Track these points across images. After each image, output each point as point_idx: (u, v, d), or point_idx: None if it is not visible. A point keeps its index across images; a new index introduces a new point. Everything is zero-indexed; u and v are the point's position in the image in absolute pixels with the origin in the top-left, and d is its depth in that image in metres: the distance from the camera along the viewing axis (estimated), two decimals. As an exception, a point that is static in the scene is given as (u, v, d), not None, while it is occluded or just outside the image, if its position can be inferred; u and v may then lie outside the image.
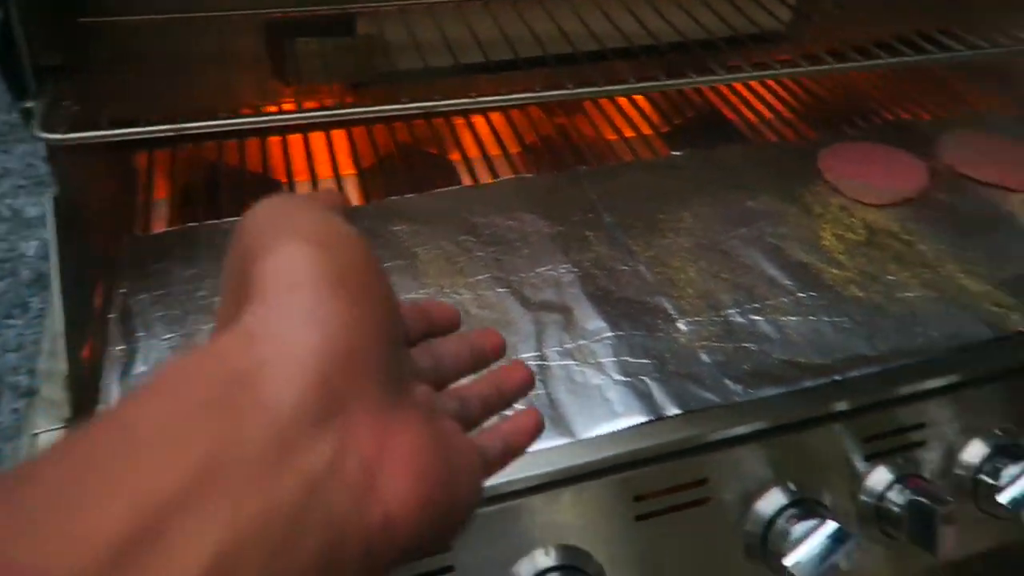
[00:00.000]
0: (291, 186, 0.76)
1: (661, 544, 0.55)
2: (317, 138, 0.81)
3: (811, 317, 0.61)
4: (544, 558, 0.52)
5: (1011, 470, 0.59)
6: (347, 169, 0.79)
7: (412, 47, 0.71)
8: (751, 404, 0.54)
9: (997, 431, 0.61)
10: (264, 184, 0.76)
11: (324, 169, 0.78)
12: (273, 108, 0.78)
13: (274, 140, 0.81)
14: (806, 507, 0.56)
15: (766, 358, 0.57)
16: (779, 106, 0.94)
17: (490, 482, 0.49)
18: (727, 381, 0.55)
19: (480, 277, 0.64)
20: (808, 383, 0.56)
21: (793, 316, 0.61)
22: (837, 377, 0.56)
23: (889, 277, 0.64)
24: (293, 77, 0.71)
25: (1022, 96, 0.88)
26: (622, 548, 0.54)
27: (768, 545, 0.56)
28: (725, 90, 0.95)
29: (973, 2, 0.86)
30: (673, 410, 0.53)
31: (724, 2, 0.82)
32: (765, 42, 0.88)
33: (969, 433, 0.61)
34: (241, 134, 0.79)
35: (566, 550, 0.53)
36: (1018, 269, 0.66)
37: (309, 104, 0.79)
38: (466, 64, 0.73)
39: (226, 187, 0.76)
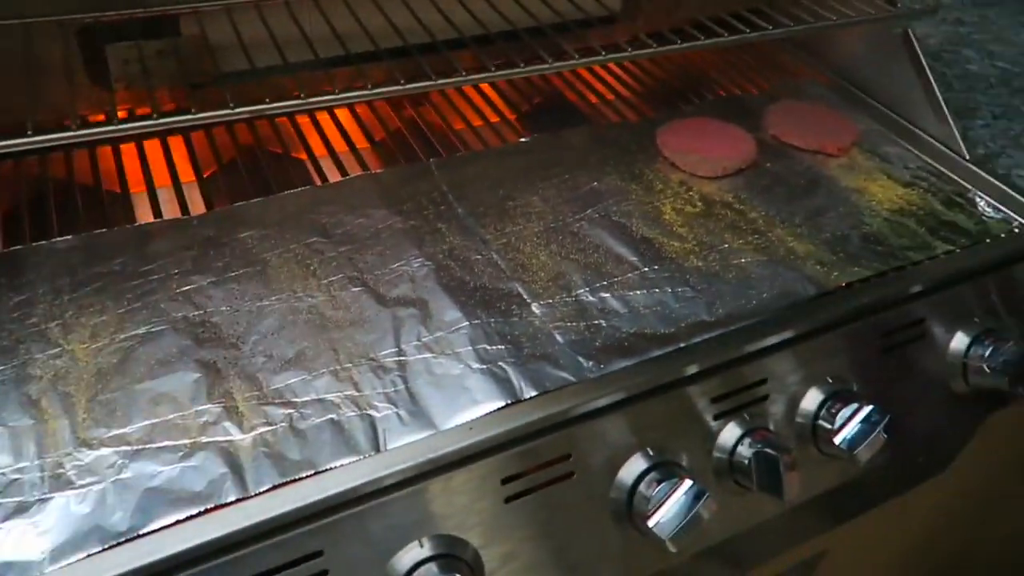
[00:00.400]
0: (126, 198, 0.72)
1: (533, 521, 0.57)
2: (153, 146, 0.78)
3: (655, 290, 0.64)
4: (419, 550, 0.53)
5: (844, 413, 0.65)
6: (188, 176, 0.76)
7: (241, 47, 0.69)
8: (603, 378, 0.57)
9: (829, 379, 0.66)
10: (96, 198, 0.72)
11: (162, 178, 0.75)
12: (101, 116, 0.73)
13: (105, 150, 0.77)
14: (664, 469, 0.59)
15: (616, 332, 0.60)
16: (620, 88, 0.97)
17: (357, 482, 0.50)
18: (580, 359, 0.58)
19: (334, 278, 0.63)
20: (656, 352, 0.59)
21: (639, 290, 0.64)
22: (682, 344, 0.60)
23: (724, 245, 0.69)
24: (118, 83, 0.67)
25: (835, 65, 0.95)
26: (495, 530, 0.56)
27: (633, 509, 0.59)
28: (569, 75, 0.97)
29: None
30: (530, 392, 0.55)
31: None
32: (601, 25, 0.91)
33: (806, 383, 0.66)
34: (66, 146, 0.74)
35: (440, 539, 0.54)
36: (836, 229, 0.71)
37: (143, 110, 0.75)
38: (305, 61, 0.71)
39: (55, 203, 0.71)
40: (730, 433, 0.63)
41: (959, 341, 0.72)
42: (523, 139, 0.81)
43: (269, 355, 0.57)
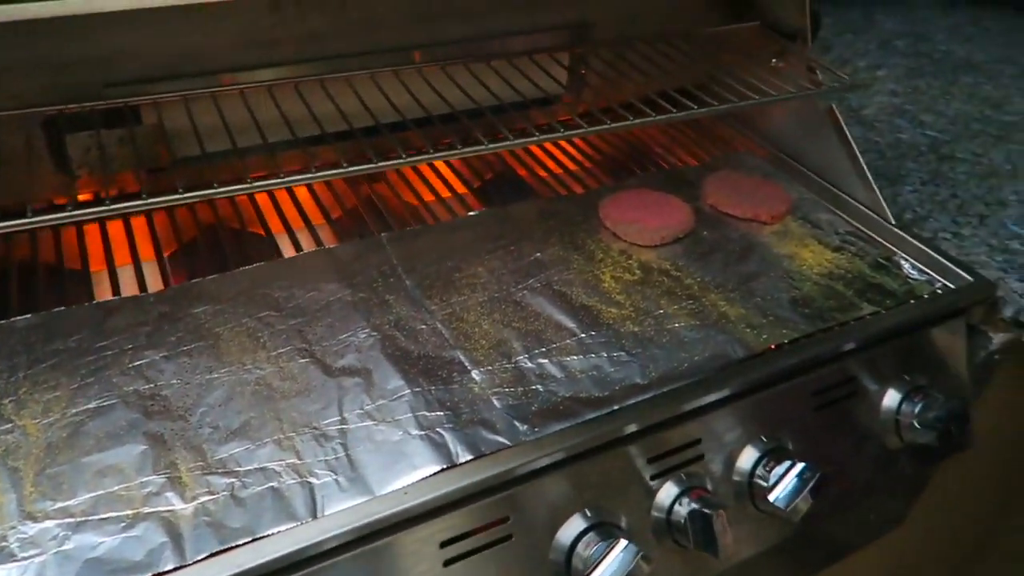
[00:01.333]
0: (87, 276, 0.75)
1: (472, 585, 0.59)
2: (116, 226, 0.81)
3: (591, 355, 0.67)
4: (357, 616, 0.54)
5: (778, 470, 0.67)
6: (149, 255, 0.79)
7: (195, 134, 0.73)
8: (538, 442, 0.59)
9: (764, 438, 0.69)
10: (58, 276, 0.75)
11: (124, 257, 0.78)
12: (64, 200, 0.77)
13: (69, 231, 0.80)
14: (602, 530, 0.61)
15: (552, 396, 0.63)
16: (568, 162, 1.02)
17: (292, 548, 0.51)
18: (516, 422, 0.60)
19: (282, 350, 0.65)
20: (590, 415, 0.61)
21: (576, 355, 0.67)
22: (616, 407, 0.62)
23: (660, 311, 0.72)
24: (80, 169, 0.71)
25: (771, 137, 1.01)
26: (435, 595, 0.57)
27: (571, 570, 0.60)
28: (520, 151, 1.02)
29: (720, 63, 0.99)
30: (466, 456, 0.57)
31: (511, 69, 0.89)
32: (548, 104, 0.96)
33: (741, 442, 0.68)
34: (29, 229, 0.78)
35: (380, 605, 0.55)
36: (767, 293, 0.75)
37: (108, 192, 0.79)
38: (256, 145, 0.76)
39: (17, 282, 0.74)
40: (667, 492, 0.65)
41: (891, 398, 0.76)
42: (472, 213, 0.85)
43: (216, 426, 0.59)
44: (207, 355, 0.65)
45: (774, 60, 0.95)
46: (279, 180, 0.66)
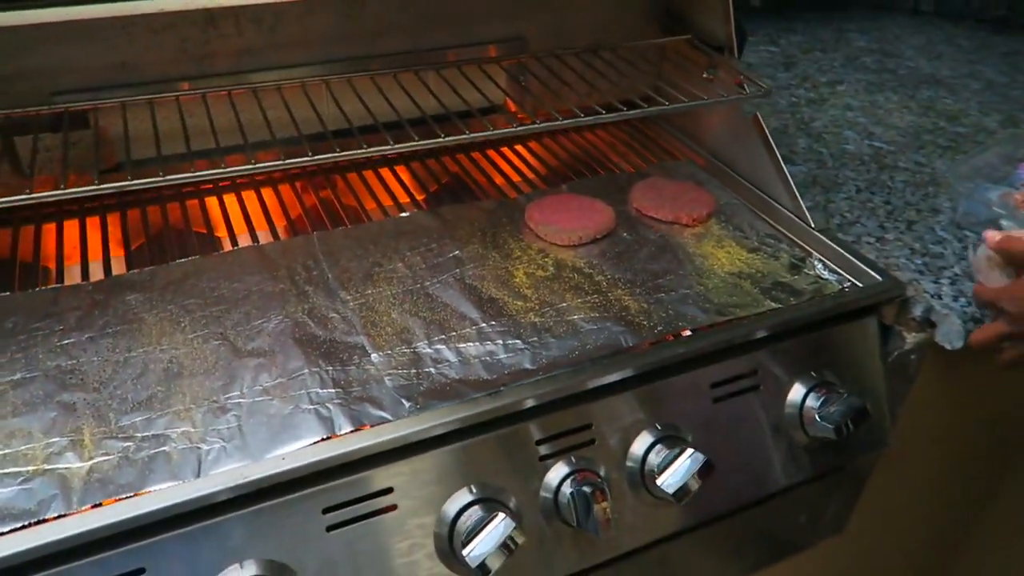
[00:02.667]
0: (35, 269, 0.82)
1: (356, 551, 0.62)
2: (72, 225, 0.88)
3: (488, 343, 0.70)
4: (239, 573, 0.58)
5: (668, 456, 0.70)
6: (96, 256, 0.85)
7: (151, 137, 0.79)
8: (418, 417, 0.63)
9: (658, 426, 0.72)
10: (9, 269, 0.81)
11: (74, 256, 0.84)
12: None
13: (27, 230, 0.86)
14: (485, 505, 0.64)
15: (442, 379, 0.66)
16: (523, 167, 1.07)
17: (170, 502, 0.56)
18: (403, 400, 0.64)
19: (198, 333, 0.71)
20: (473, 395, 0.65)
21: (473, 343, 0.70)
22: (502, 388, 0.66)
23: (563, 304, 0.75)
24: (32, 170, 0.77)
25: (707, 146, 1.04)
26: (318, 558, 0.61)
27: (453, 543, 0.64)
28: (478, 156, 1.07)
29: (659, 75, 1.03)
30: (346, 428, 0.61)
31: (461, 78, 0.94)
32: (493, 113, 1.01)
33: (635, 429, 0.71)
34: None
35: (265, 564, 0.59)
36: (671, 288, 0.78)
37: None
38: (208, 148, 0.81)
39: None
40: (556, 473, 0.68)
41: (796, 392, 0.78)
42: (404, 214, 0.89)
43: (124, 398, 0.64)
44: (129, 337, 0.70)
45: (706, 73, 0.99)
46: (222, 171, 0.71)
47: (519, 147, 1.11)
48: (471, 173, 1.07)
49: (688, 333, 0.73)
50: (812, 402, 0.77)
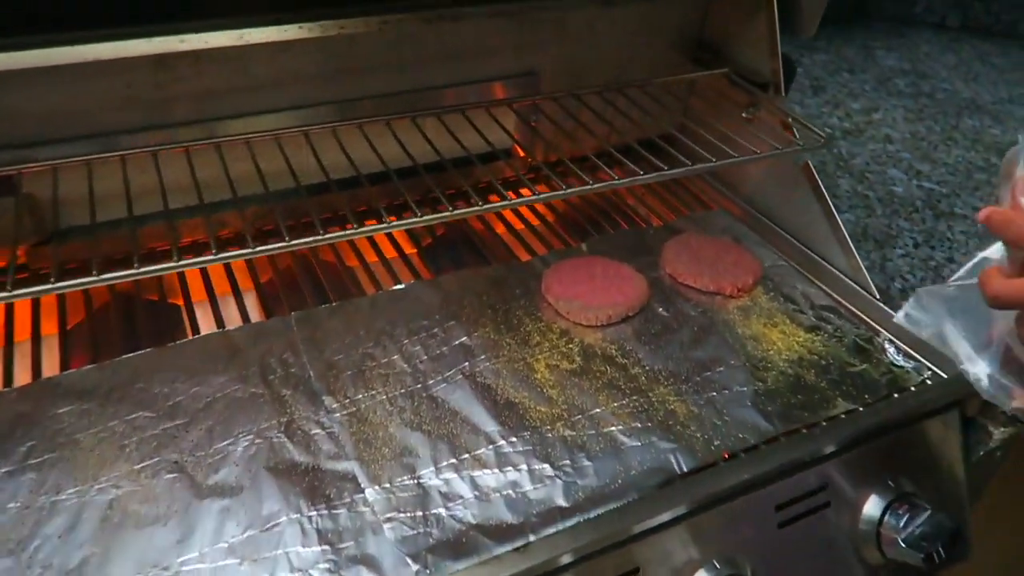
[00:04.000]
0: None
1: None
2: None
3: (509, 468, 0.57)
4: None
5: (730, 602, 0.57)
6: (51, 329, 0.71)
7: (83, 202, 0.65)
8: (426, 590, 0.49)
9: (716, 563, 0.59)
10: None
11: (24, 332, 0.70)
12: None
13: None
14: None
15: (456, 524, 0.53)
16: (529, 215, 0.93)
17: None
18: (408, 561, 0.50)
19: (149, 462, 0.56)
20: (497, 550, 0.52)
21: (491, 469, 0.57)
22: (530, 538, 0.53)
23: (597, 409, 0.62)
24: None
25: (744, 194, 0.91)
26: None
27: None
28: (477, 202, 0.93)
29: (688, 114, 0.89)
30: (336, 610, 0.48)
31: (455, 120, 0.81)
32: (496, 159, 0.88)
33: (689, 570, 0.58)
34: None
35: None
36: (724, 386, 0.65)
37: None
38: (155, 212, 0.68)
39: None
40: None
41: (871, 508, 0.65)
42: (398, 286, 0.75)
43: (48, 564, 0.50)
44: (59, 470, 0.56)
45: (745, 112, 0.86)
46: (173, 264, 0.57)
47: (525, 191, 0.97)
48: (470, 222, 0.93)
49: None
50: (892, 520, 0.64)
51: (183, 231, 0.77)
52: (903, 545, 0.63)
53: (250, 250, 0.59)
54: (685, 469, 0.58)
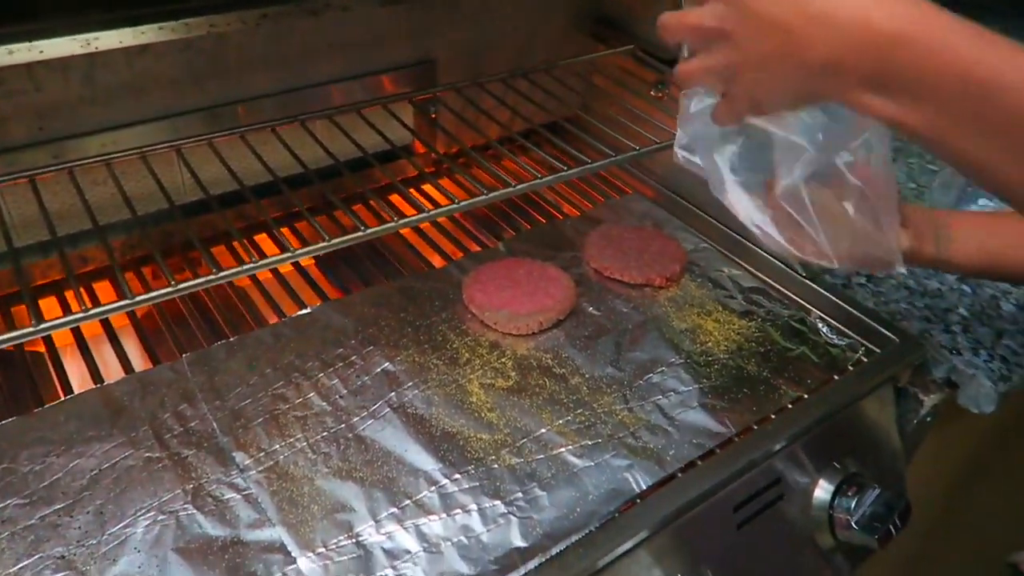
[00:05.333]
0: None
1: None
2: None
3: (457, 511, 0.51)
4: None
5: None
6: None
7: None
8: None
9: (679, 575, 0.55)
10: None
11: None
12: None
13: None
14: None
15: (405, 587, 0.47)
16: (432, 208, 0.86)
17: None
18: (354, 641, 0.44)
19: (26, 562, 0.47)
20: (456, 611, 0.46)
21: (438, 514, 0.51)
22: (491, 589, 0.47)
23: (542, 430, 0.57)
24: None
25: (659, 176, 0.88)
26: None
27: None
28: (376, 204, 0.85)
29: (594, 94, 0.85)
30: None
31: (357, 120, 0.73)
32: (398, 157, 0.80)
33: (653, 587, 0.55)
34: None
35: None
36: (670, 387, 0.62)
37: None
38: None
39: None
40: None
41: (822, 492, 0.64)
42: (302, 312, 0.67)
43: None
44: (-92, 589, 0.45)
45: (653, 90, 0.82)
46: (31, 330, 0.48)
47: (430, 189, 0.90)
48: (369, 221, 0.85)
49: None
50: (843, 503, 0.63)
51: (34, 271, 0.66)
52: (856, 528, 0.62)
53: (128, 301, 0.50)
54: (644, 487, 0.54)
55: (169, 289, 0.53)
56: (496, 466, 0.55)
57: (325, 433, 0.56)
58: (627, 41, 0.82)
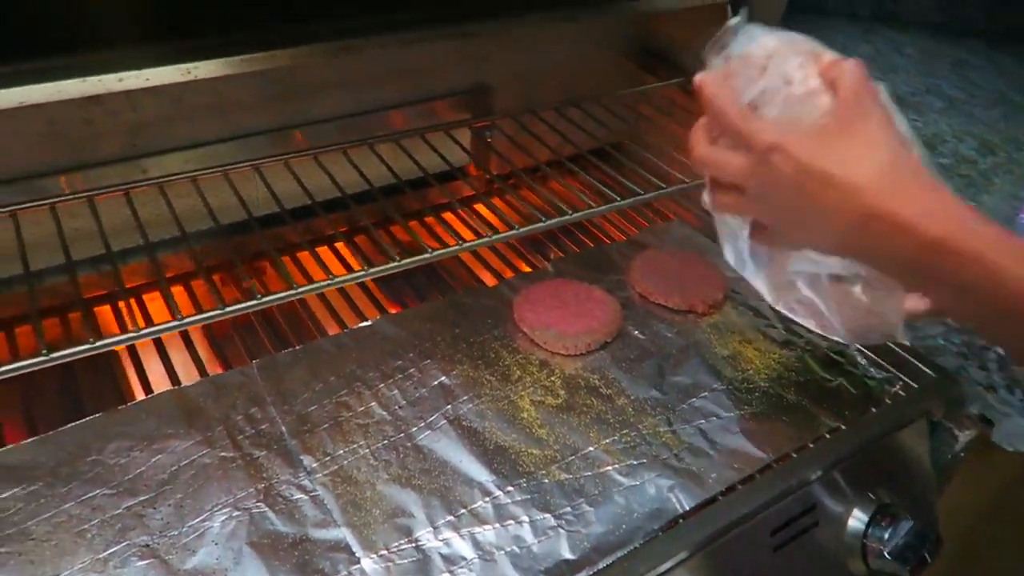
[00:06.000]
0: None
1: None
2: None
3: (510, 522, 0.54)
4: None
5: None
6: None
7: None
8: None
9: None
10: None
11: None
12: None
13: None
14: None
15: (461, 593, 0.50)
16: (484, 230, 0.89)
17: None
18: (414, 641, 0.47)
19: (115, 548, 0.51)
20: (508, 618, 0.49)
21: (491, 524, 0.54)
22: (541, 599, 0.50)
23: (590, 448, 0.60)
24: None
25: (699, 204, 0.90)
26: None
27: None
28: (431, 221, 0.89)
29: (642, 121, 0.88)
30: None
31: (418, 141, 0.77)
32: (454, 178, 0.84)
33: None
34: None
35: None
36: (712, 412, 0.64)
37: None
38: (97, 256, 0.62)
39: None
40: None
41: (856, 521, 0.66)
42: (363, 324, 0.71)
43: None
44: (12, 568, 0.49)
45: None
46: (133, 335, 0.52)
47: (478, 206, 0.94)
48: (426, 239, 0.89)
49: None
50: (875, 531, 0.65)
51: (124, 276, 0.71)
52: (889, 558, 0.64)
53: (219, 311, 0.54)
54: (686, 507, 0.57)
55: (251, 302, 0.57)
56: (546, 481, 0.58)
57: (385, 441, 0.60)
58: (674, 71, 0.85)
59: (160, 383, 0.66)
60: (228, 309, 0.57)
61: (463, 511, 0.55)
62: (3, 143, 0.60)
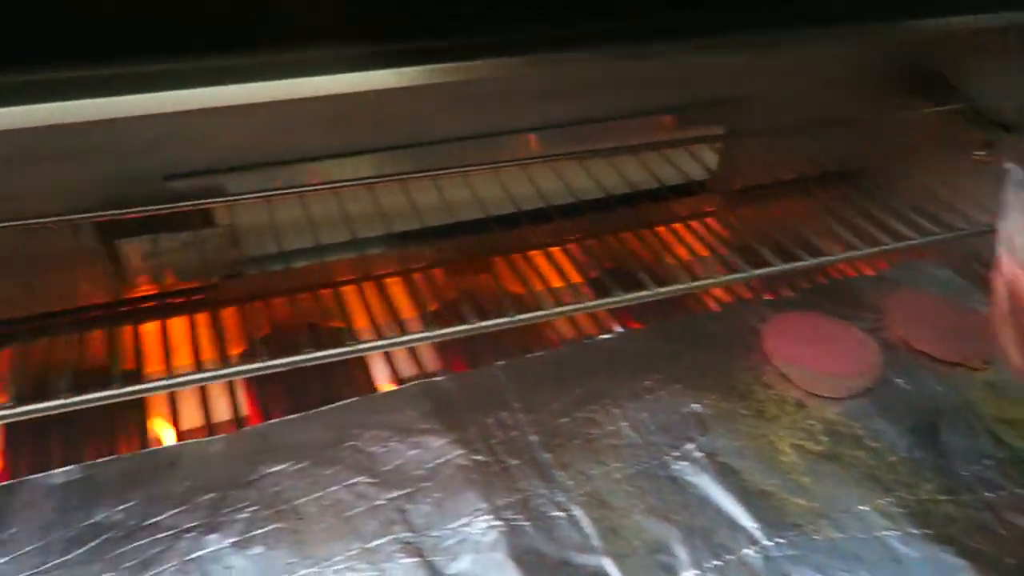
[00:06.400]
0: (139, 402, 0.62)
1: None
2: (178, 324, 0.67)
3: (783, 577, 0.50)
4: None
5: None
6: (209, 354, 0.65)
7: (268, 231, 0.59)
8: None
9: None
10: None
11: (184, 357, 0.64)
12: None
13: (126, 329, 0.66)
14: None
15: (736, 650, 0.47)
16: (703, 251, 0.85)
17: None
18: None
19: (380, 540, 0.51)
20: None
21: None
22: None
23: (863, 507, 0.55)
24: (139, 278, 0.57)
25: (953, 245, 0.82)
26: None
27: None
28: (648, 235, 0.86)
29: (895, 145, 0.82)
30: None
31: (654, 154, 0.74)
32: (691, 193, 0.80)
33: None
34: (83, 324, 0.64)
35: None
36: (998, 487, 0.58)
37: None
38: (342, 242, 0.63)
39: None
40: None
41: None
42: (606, 335, 0.69)
43: (295, 667, 0.44)
44: (286, 544, 0.50)
45: (977, 152, 0.77)
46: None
47: (695, 223, 0.89)
48: (642, 252, 0.85)
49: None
50: None
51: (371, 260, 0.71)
52: None
53: (472, 325, 0.53)
54: (981, 589, 0.51)
55: (543, 314, 0.55)
56: (817, 537, 0.53)
57: (639, 467, 0.57)
58: (954, 99, 0.78)
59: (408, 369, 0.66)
60: (482, 324, 0.55)
61: (731, 558, 0.51)
62: (289, 131, 0.61)
